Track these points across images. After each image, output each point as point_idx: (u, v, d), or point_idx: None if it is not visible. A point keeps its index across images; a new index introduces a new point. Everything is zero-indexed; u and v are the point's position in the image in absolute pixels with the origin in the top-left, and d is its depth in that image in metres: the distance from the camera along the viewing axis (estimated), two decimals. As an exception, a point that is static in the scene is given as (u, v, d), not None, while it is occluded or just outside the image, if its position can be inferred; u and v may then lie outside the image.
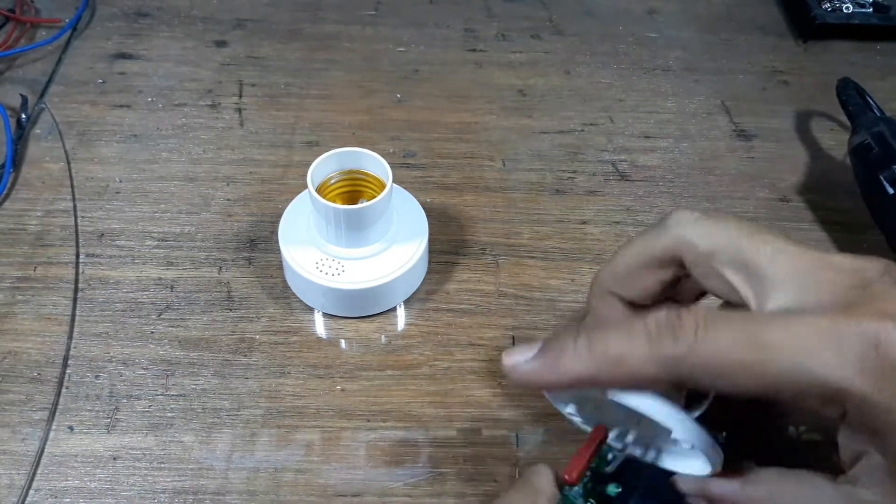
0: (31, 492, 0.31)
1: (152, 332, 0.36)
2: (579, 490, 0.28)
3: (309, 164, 0.35)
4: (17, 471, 0.31)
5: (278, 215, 0.38)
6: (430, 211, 0.39)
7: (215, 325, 0.36)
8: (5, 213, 0.41)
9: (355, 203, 0.36)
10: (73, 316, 0.36)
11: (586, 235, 0.41)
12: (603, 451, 0.28)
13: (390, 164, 0.35)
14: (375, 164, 0.36)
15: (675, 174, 0.45)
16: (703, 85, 0.51)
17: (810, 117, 0.48)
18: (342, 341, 0.36)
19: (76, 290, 0.37)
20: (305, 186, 0.34)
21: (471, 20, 0.55)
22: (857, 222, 0.42)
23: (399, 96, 0.48)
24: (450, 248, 0.40)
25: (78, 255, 0.39)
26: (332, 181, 0.36)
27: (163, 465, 0.32)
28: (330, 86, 0.49)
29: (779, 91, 0.50)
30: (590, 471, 0.28)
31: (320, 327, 0.37)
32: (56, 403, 0.33)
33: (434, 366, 0.35)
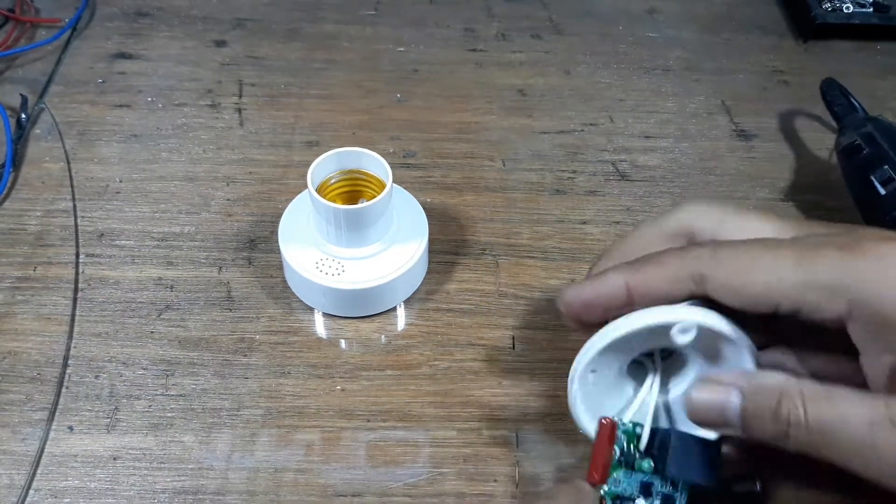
0: (31, 492, 0.31)
1: (152, 332, 0.36)
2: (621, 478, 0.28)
3: (309, 164, 0.35)
4: (17, 471, 0.31)
5: (278, 215, 0.38)
6: (430, 211, 0.39)
7: (215, 325, 0.36)
8: (5, 212, 0.41)
9: (355, 203, 0.36)
10: (73, 316, 0.36)
11: (586, 235, 0.41)
12: (629, 430, 0.28)
13: (390, 164, 0.35)
14: (375, 163, 0.36)
15: (676, 174, 0.45)
16: (704, 85, 0.51)
17: (810, 117, 0.48)
18: (342, 341, 0.36)
19: (76, 290, 0.37)
20: (305, 186, 0.34)
21: (471, 20, 0.55)
22: (856, 222, 0.42)
23: (399, 96, 0.48)
24: (450, 248, 0.40)
25: (78, 254, 0.39)
26: (333, 181, 0.36)
27: (163, 466, 0.32)
28: (330, 85, 0.49)
29: (779, 91, 0.50)
30: (621, 453, 0.28)
31: (320, 327, 0.37)
32: (56, 403, 0.33)
33: (434, 366, 0.35)
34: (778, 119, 0.48)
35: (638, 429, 0.28)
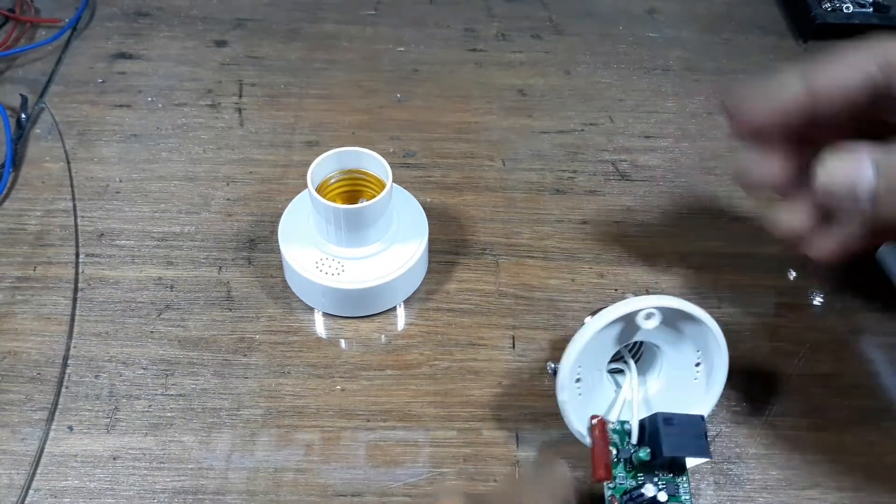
0: (31, 492, 0.31)
1: (152, 332, 0.36)
2: (624, 476, 0.30)
3: (309, 164, 0.35)
4: (17, 470, 0.31)
5: (278, 215, 0.38)
6: (430, 211, 0.39)
7: (215, 325, 0.36)
8: (5, 212, 0.41)
9: (355, 203, 0.36)
10: (73, 316, 0.36)
11: (586, 235, 0.41)
12: (618, 429, 0.30)
13: (390, 163, 0.35)
14: (375, 163, 0.36)
15: (676, 174, 0.45)
16: (704, 85, 0.51)
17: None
18: (342, 341, 0.36)
19: (76, 290, 0.37)
20: (305, 186, 0.34)
21: (471, 20, 0.54)
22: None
23: (399, 96, 0.48)
24: (450, 247, 0.40)
25: (78, 254, 0.39)
26: (332, 181, 0.36)
27: (162, 465, 0.32)
28: (330, 85, 0.49)
29: (779, 91, 0.50)
30: (617, 452, 0.30)
31: (320, 327, 0.37)
32: (56, 403, 0.33)
33: (434, 365, 0.35)
34: (778, 119, 0.48)
35: (626, 425, 0.30)
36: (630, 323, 0.29)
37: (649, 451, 0.29)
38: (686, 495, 0.29)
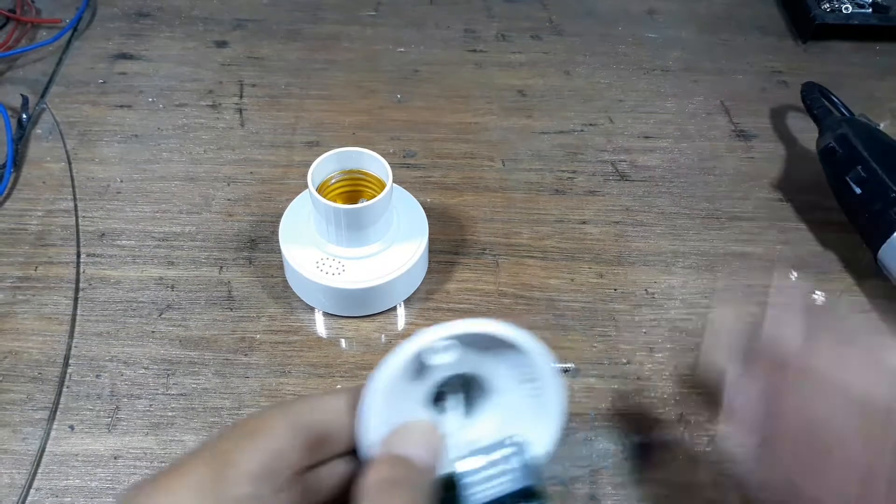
0: (32, 491, 0.31)
1: (153, 332, 0.36)
2: None
3: (309, 164, 0.35)
4: (18, 470, 0.31)
5: (279, 215, 0.38)
6: (430, 211, 0.39)
7: (216, 325, 0.36)
8: (6, 212, 0.41)
9: (355, 203, 0.36)
10: (74, 315, 0.36)
11: (586, 235, 0.41)
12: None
13: (390, 164, 0.35)
14: (375, 163, 0.36)
15: (675, 174, 0.45)
16: (703, 85, 0.51)
17: (809, 118, 0.48)
18: (342, 341, 0.36)
19: (77, 290, 0.37)
20: (306, 186, 0.34)
21: (471, 21, 0.55)
22: (847, 221, 0.42)
23: (399, 96, 0.49)
24: (450, 247, 0.40)
25: (79, 254, 0.39)
26: (333, 181, 0.36)
27: (163, 465, 0.32)
28: (330, 86, 0.49)
29: (778, 91, 0.50)
30: None
31: (321, 327, 0.37)
32: (57, 403, 0.33)
33: (434, 365, 0.35)
34: (777, 119, 0.49)
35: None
36: (422, 365, 0.24)
37: None
38: None
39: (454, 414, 0.26)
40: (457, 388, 0.26)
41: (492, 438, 0.26)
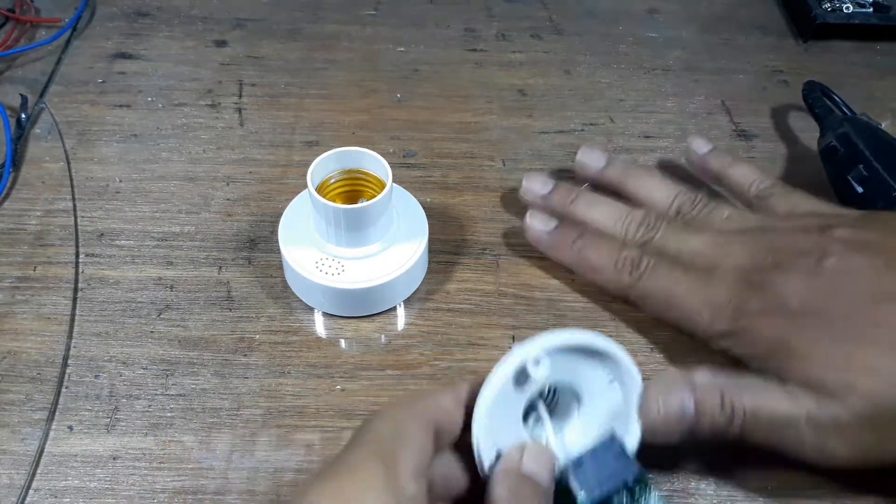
0: (31, 491, 0.31)
1: (152, 332, 0.36)
2: None
3: (309, 164, 0.35)
4: (17, 470, 0.31)
5: (278, 215, 0.38)
6: (430, 211, 0.39)
7: (215, 325, 0.36)
8: (5, 212, 0.41)
9: (355, 203, 0.36)
10: (73, 316, 0.36)
11: (586, 235, 0.41)
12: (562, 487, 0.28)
13: (390, 163, 0.35)
14: (375, 163, 0.36)
15: (675, 174, 0.45)
16: (704, 85, 0.51)
17: (810, 117, 0.48)
18: (342, 341, 0.36)
19: (76, 290, 0.37)
20: (305, 186, 0.34)
21: (471, 20, 0.55)
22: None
23: (399, 96, 0.48)
24: (450, 247, 0.40)
25: (78, 254, 0.39)
26: (332, 181, 0.36)
27: (162, 465, 0.32)
28: (330, 85, 0.49)
29: (779, 91, 0.50)
30: None
31: (320, 327, 0.37)
32: (56, 403, 0.33)
33: (434, 366, 0.35)
34: (778, 119, 0.48)
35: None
36: (523, 375, 0.27)
37: (585, 494, 0.27)
38: None
39: (548, 420, 0.29)
40: (545, 395, 0.29)
41: (588, 439, 0.29)
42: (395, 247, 0.37)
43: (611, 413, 0.29)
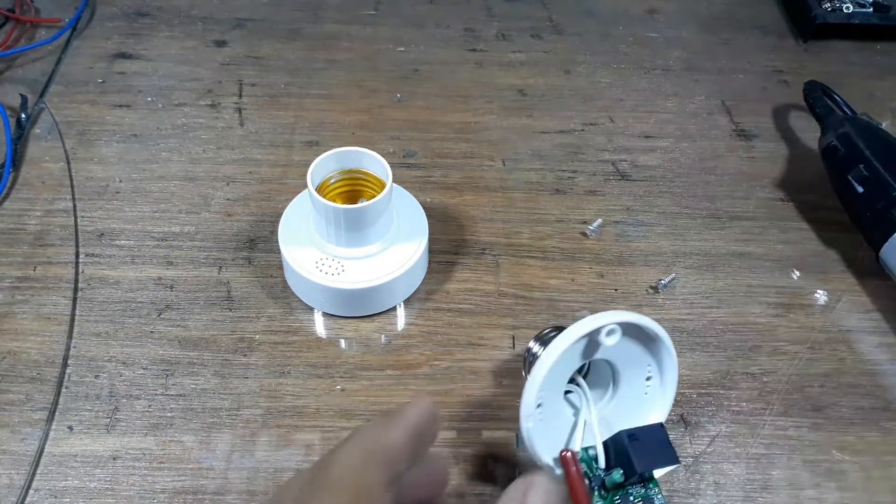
0: (31, 491, 0.31)
1: (152, 332, 0.36)
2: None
3: (309, 164, 0.34)
4: (17, 470, 0.31)
5: (278, 215, 0.38)
6: (430, 211, 0.39)
7: (215, 325, 0.36)
8: (5, 212, 0.41)
9: (355, 203, 0.36)
10: (73, 316, 0.36)
11: (587, 235, 0.41)
12: (585, 457, 0.29)
13: (390, 163, 0.35)
14: (375, 163, 0.36)
15: (676, 174, 0.45)
16: (704, 85, 0.51)
17: (810, 117, 0.48)
18: (342, 341, 0.36)
19: (76, 290, 0.37)
20: (305, 186, 0.34)
21: (471, 20, 0.55)
22: (849, 221, 0.42)
23: (399, 96, 0.48)
24: (450, 247, 0.40)
25: (78, 254, 0.39)
26: (333, 181, 0.36)
27: (162, 465, 0.32)
28: (330, 85, 0.49)
29: (779, 91, 0.50)
30: (589, 481, 0.28)
31: (320, 327, 0.37)
32: (56, 403, 0.33)
33: (434, 365, 0.35)
34: (778, 119, 0.49)
35: (591, 451, 0.29)
36: (591, 341, 0.28)
37: (621, 471, 0.28)
38: (661, 501, 0.28)
39: (584, 401, 0.30)
40: (582, 371, 0.30)
41: (619, 421, 0.30)
42: (395, 247, 0.36)
43: (641, 404, 0.30)
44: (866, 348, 0.37)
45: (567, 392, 0.30)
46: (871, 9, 0.54)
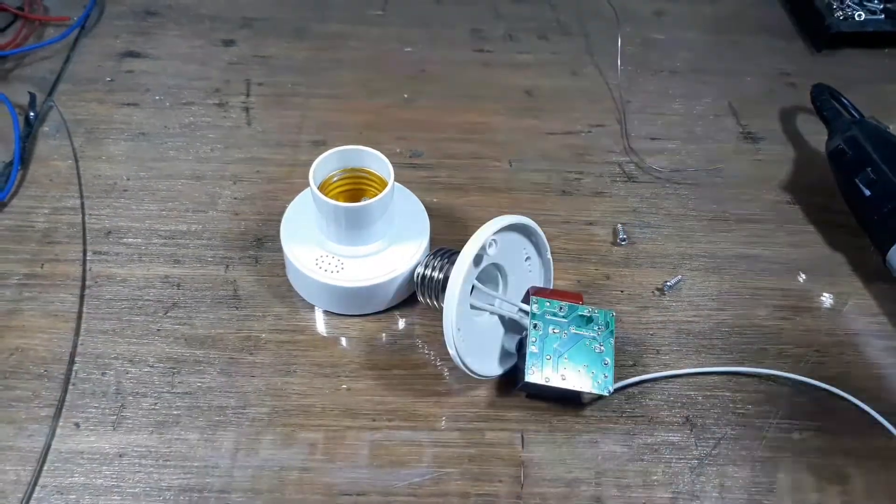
0: (38, 488, 0.31)
1: (159, 330, 0.36)
2: None
3: (315, 164, 0.35)
4: (24, 467, 0.31)
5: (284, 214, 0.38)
6: (436, 211, 0.39)
7: (221, 324, 0.36)
8: (13, 210, 0.41)
9: (357, 201, 0.36)
10: (80, 313, 0.36)
11: (592, 237, 0.41)
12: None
13: (397, 163, 0.35)
14: (378, 162, 0.36)
15: (682, 176, 0.45)
16: (711, 87, 0.51)
17: (818, 120, 0.47)
18: (348, 340, 0.36)
19: (83, 288, 0.37)
20: (312, 185, 0.34)
21: (478, 21, 0.55)
22: (856, 224, 0.42)
23: (406, 96, 0.48)
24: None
25: (85, 252, 0.39)
26: (335, 179, 0.36)
27: (168, 463, 0.32)
28: (337, 85, 0.49)
29: (786, 94, 0.50)
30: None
31: (326, 326, 0.37)
32: (62, 400, 0.33)
33: (439, 365, 0.35)
34: (785, 121, 0.48)
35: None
36: (477, 257, 0.32)
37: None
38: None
39: (487, 294, 0.34)
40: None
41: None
42: (395, 246, 0.37)
43: (527, 278, 0.36)
44: (873, 352, 0.37)
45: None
46: (883, 15, 0.53)
